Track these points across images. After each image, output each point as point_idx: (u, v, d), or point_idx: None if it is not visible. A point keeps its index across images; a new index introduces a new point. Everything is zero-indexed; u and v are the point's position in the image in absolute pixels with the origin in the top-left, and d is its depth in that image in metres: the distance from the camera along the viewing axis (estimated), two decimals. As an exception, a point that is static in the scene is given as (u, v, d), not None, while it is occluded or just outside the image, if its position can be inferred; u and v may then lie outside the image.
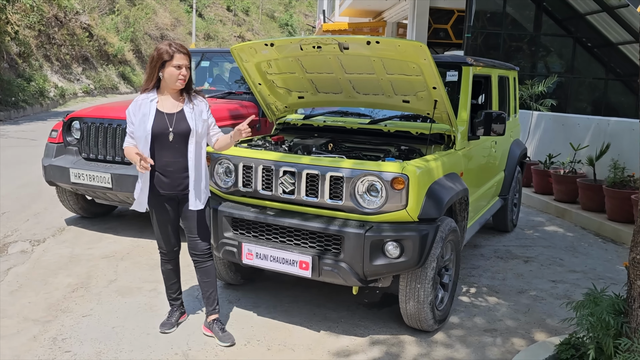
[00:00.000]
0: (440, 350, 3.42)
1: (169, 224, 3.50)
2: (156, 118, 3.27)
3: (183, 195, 3.38)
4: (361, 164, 3.29)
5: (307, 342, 3.48)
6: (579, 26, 11.47)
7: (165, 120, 3.28)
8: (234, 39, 50.96)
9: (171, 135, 3.26)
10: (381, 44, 3.42)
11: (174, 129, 3.26)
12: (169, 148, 3.29)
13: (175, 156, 3.31)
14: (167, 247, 3.57)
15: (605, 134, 6.67)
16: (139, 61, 31.96)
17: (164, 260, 3.62)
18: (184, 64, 3.23)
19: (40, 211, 6.50)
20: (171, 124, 3.27)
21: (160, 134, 3.26)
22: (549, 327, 3.79)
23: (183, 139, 3.28)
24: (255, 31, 57.95)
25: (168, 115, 3.29)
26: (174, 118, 3.28)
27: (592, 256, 5.34)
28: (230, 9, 55.07)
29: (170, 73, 3.22)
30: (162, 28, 37.05)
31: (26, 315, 3.80)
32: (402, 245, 3.22)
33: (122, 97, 25.93)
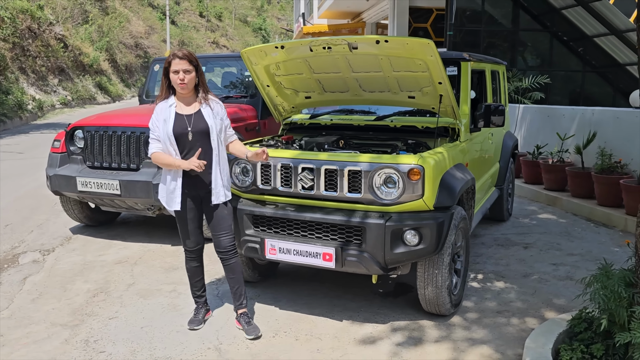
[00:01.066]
0: (459, 332, 3.60)
1: (192, 222, 3.63)
2: (176, 120, 3.45)
3: (205, 193, 3.53)
4: (378, 157, 3.46)
5: (332, 332, 3.63)
6: (554, 20, 11.83)
7: (184, 121, 3.45)
8: (208, 45, 50.87)
9: (190, 135, 3.42)
10: (390, 42, 3.60)
11: (192, 129, 3.43)
12: (191, 147, 3.45)
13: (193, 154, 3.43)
14: (191, 245, 3.69)
15: (590, 123, 6.96)
16: (115, 70, 31.74)
17: (189, 258, 3.74)
18: (180, 69, 3.37)
19: (42, 222, 6.53)
20: (190, 123, 3.44)
21: (180, 134, 3.44)
22: (557, 306, 4.00)
23: (203, 138, 3.45)
24: (229, 36, 57.89)
25: (187, 116, 3.46)
26: (192, 118, 3.46)
27: (587, 240, 5.59)
28: (203, 15, 54.92)
29: (172, 79, 3.42)
30: (137, 36, 36.82)
31: (53, 321, 3.88)
32: (421, 233, 3.39)
33: (101, 107, 25.73)
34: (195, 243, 3.70)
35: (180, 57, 3.40)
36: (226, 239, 3.57)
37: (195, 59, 3.47)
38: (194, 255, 3.73)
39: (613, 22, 10.61)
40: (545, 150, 7.61)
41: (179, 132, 3.44)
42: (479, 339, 3.52)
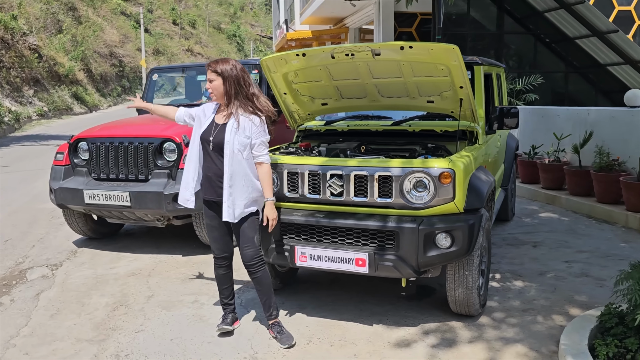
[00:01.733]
0: (491, 332, 3.65)
1: (216, 229, 3.64)
2: (209, 125, 3.55)
3: (218, 202, 3.53)
4: (409, 162, 3.49)
5: (365, 336, 3.64)
6: (538, 23, 12.10)
7: (211, 129, 3.52)
8: (183, 53, 50.54)
9: (210, 144, 3.48)
10: (414, 48, 3.65)
11: (213, 138, 3.48)
12: (209, 155, 3.53)
13: (213, 163, 3.52)
14: (217, 252, 3.69)
15: (585, 123, 7.13)
16: (90, 80, 31.28)
17: (216, 265, 3.74)
18: (209, 78, 3.49)
19: (43, 236, 6.41)
20: (213, 133, 3.49)
21: (204, 140, 3.53)
22: (579, 302, 4.09)
23: (219, 149, 3.46)
24: (204, 44, 57.63)
25: (216, 124, 3.52)
26: (217, 128, 3.50)
27: (593, 237, 5.73)
28: (177, 22, 54.56)
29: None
30: (111, 45, 36.38)
31: (77, 337, 3.81)
32: (453, 236, 3.43)
33: (78, 118, 25.32)
34: (220, 250, 3.69)
35: (207, 67, 3.50)
36: (249, 251, 3.53)
37: (223, 69, 3.46)
38: (220, 263, 3.72)
39: (595, 23, 10.90)
40: (540, 150, 7.77)
41: (203, 137, 3.53)
42: (510, 337, 3.57)
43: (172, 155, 5.26)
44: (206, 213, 3.67)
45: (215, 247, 3.69)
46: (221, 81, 3.46)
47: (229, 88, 3.46)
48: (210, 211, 3.63)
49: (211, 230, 3.68)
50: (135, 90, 38.33)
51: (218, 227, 3.64)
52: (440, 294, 4.33)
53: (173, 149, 5.26)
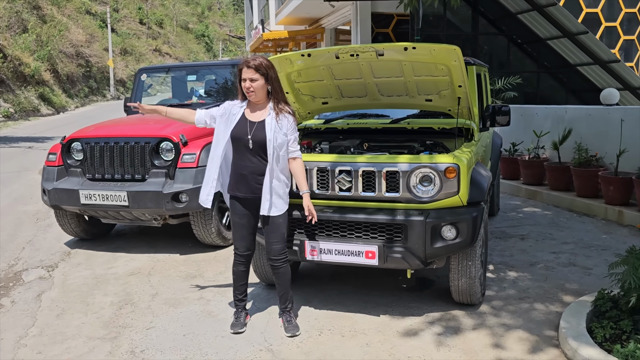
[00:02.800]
0: (492, 319, 3.84)
1: (244, 227, 3.71)
2: (239, 123, 3.57)
3: (253, 198, 3.61)
4: (416, 158, 3.65)
5: (373, 326, 3.78)
6: (510, 25, 12.48)
7: (246, 127, 3.55)
8: (151, 53, 49.87)
9: (250, 142, 3.52)
10: (417, 49, 3.80)
11: (252, 137, 3.52)
12: (246, 153, 3.56)
13: (251, 161, 3.56)
14: (242, 250, 3.77)
15: (563, 120, 7.44)
16: (57, 81, 30.61)
17: (237, 262, 3.80)
18: (247, 77, 3.49)
19: (31, 238, 6.34)
20: (251, 131, 3.53)
21: (239, 138, 3.55)
22: (570, 290, 4.32)
23: (260, 147, 3.52)
24: (172, 44, 56.97)
25: (250, 122, 3.56)
26: (255, 126, 3.54)
27: (575, 229, 6.00)
28: (144, 22, 53.79)
29: (242, 86, 3.53)
30: (77, 45, 35.67)
31: (88, 335, 3.84)
32: (457, 228, 3.60)
33: (47, 119, 24.80)
34: (245, 248, 3.76)
35: (249, 66, 3.48)
36: (278, 246, 3.64)
37: (265, 67, 3.51)
38: (242, 260, 3.79)
39: (565, 25, 11.31)
40: (520, 147, 8.05)
41: (238, 135, 3.55)
42: (511, 324, 3.76)
43: (170, 155, 5.30)
44: (235, 210, 3.70)
45: (240, 245, 3.75)
46: (264, 81, 3.51)
47: (271, 88, 3.55)
48: (242, 208, 3.67)
49: (240, 228, 3.72)
50: (103, 91, 37.74)
51: (247, 225, 3.71)
52: (439, 285, 4.50)
53: (170, 148, 5.29)
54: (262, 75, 3.49)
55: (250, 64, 3.48)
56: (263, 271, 4.34)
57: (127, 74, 42.43)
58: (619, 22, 14.37)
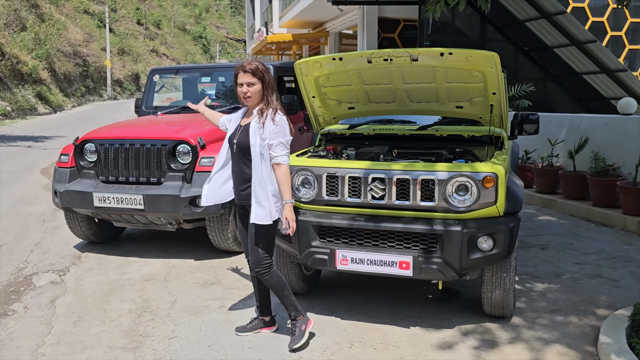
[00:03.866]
0: (527, 333, 3.74)
1: (242, 233, 3.70)
2: (235, 128, 3.57)
3: (240, 204, 3.59)
4: (456, 166, 3.55)
5: (405, 339, 3.67)
6: (518, 32, 12.44)
7: (236, 132, 3.54)
8: (148, 54, 49.68)
9: (234, 146, 3.51)
10: (454, 55, 3.71)
11: (237, 141, 3.49)
12: (234, 158, 3.55)
13: (237, 166, 3.54)
14: (246, 255, 3.72)
15: (579, 129, 7.37)
16: (54, 80, 30.36)
17: (249, 267, 3.73)
18: (244, 82, 3.42)
19: (39, 240, 6.19)
20: (237, 135, 3.51)
21: (230, 142, 3.56)
22: (602, 303, 4.23)
23: (243, 152, 3.46)
24: (169, 44, 56.81)
25: (239, 127, 3.55)
26: (240, 130, 3.52)
27: (595, 239, 5.92)
28: (141, 22, 53.59)
29: (238, 91, 3.49)
30: (75, 44, 35.45)
31: (108, 344, 3.70)
32: (494, 239, 3.50)
33: (43, 118, 24.56)
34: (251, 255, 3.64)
35: (245, 71, 3.41)
36: (252, 257, 3.51)
37: (262, 71, 3.44)
38: (250, 266, 3.71)
39: (574, 33, 11.29)
40: (532, 155, 7.98)
41: (230, 140, 3.56)
42: (547, 338, 3.66)
43: (187, 158, 5.17)
44: (238, 216, 3.75)
45: (245, 250, 3.74)
46: (261, 85, 3.43)
47: (266, 92, 3.46)
48: (241, 213, 3.68)
49: (241, 233, 3.74)
50: (100, 91, 37.49)
51: (243, 230, 3.68)
52: (465, 295, 4.40)
53: (187, 151, 5.17)
54: (259, 79, 3.41)
55: (247, 69, 3.40)
56: (288, 280, 4.21)
57: (124, 74, 42.24)
58: (624, 32, 14.38)
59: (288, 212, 3.40)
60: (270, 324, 3.83)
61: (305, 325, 3.59)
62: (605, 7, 14.10)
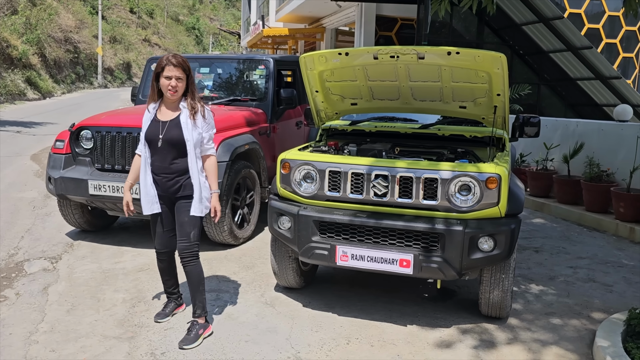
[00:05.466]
0: (524, 334, 3.75)
1: (165, 225, 3.68)
2: (151, 125, 3.53)
3: (176, 198, 3.57)
4: (459, 166, 3.54)
5: (402, 337, 3.67)
6: (514, 35, 12.49)
7: (158, 127, 3.50)
8: (140, 43, 49.22)
9: (160, 142, 3.47)
10: (461, 54, 3.70)
11: (163, 136, 3.47)
12: (159, 153, 3.52)
13: (162, 161, 3.52)
14: (159, 247, 3.75)
15: (574, 134, 7.42)
16: (44, 65, 29.95)
17: (158, 259, 3.81)
18: (173, 75, 3.40)
19: (29, 227, 6.11)
20: (162, 131, 3.48)
21: (151, 140, 3.51)
22: (596, 306, 4.26)
23: (172, 146, 3.48)
24: (161, 34, 56.33)
25: (162, 122, 3.50)
26: (166, 125, 3.48)
27: (587, 244, 5.97)
28: (134, 11, 53.06)
29: (162, 84, 3.44)
30: (66, 30, 34.96)
31: (102, 333, 3.66)
32: (495, 240, 3.51)
33: (32, 103, 24.25)
34: (162, 246, 3.72)
35: (175, 65, 3.41)
36: (182, 244, 3.57)
37: (188, 66, 3.49)
38: (162, 257, 3.78)
39: (570, 39, 11.36)
40: (527, 158, 8.02)
41: (150, 137, 3.51)
42: (545, 339, 3.68)
43: (185, 148, 5.11)
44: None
45: (159, 243, 3.74)
46: (186, 80, 3.48)
47: (192, 87, 3.52)
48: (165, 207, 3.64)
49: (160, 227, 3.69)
50: (91, 78, 37.08)
51: (167, 222, 3.67)
52: (460, 295, 4.41)
53: (186, 141, 5.11)
54: (186, 74, 3.44)
55: (176, 62, 3.39)
56: (285, 274, 4.20)
57: (115, 62, 41.79)
58: (619, 39, 14.51)
59: (215, 202, 3.56)
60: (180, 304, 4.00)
61: (204, 330, 3.59)
62: (601, 14, 14.23)
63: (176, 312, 3.93)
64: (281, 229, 3.87)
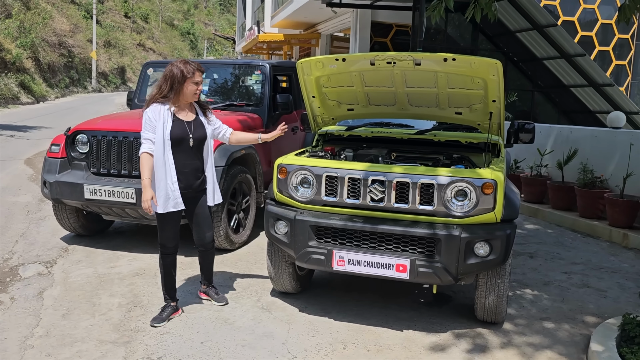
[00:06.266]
0: (518, 338, 3.77)
1: (178, 223, 3.92)
2: (176, 125, 3.75)
3: (196, 194, 3.89)
4: (456, 171, 3.57)
5: (398, 342, 3.68)
6: (508, 42, 12.59)
7: (184, 127, 3.78)
8: (134, 47, 49.19)
9: (191, 141, 3.78)
10: (457, 61, 3.73)
11: (193, 135, 3.79)
12: (187, 151, 3.79)
13: (192, 158, 3.83)
14: (172, 244, 3.93)
15: (568, 140, 7.48)
16: (38, 69, 29.85)
17: (166, 255, 3.93)
18: (200, 81, 3.79)
19: (24, 231, 6.09)
20: (190, 130, 3.79)
21: (181, 139, 3.75)
22: (591, 312, 4.29)
23: (200, 143, 3.84)
24: (156, 39, 56.32)
25: (187, 122, 3.80)
26: (192, 125, 3.81)
27: (581, 249, 6.01)
28: (129, 15, 53.05)
29: (190, 88, 3.74)
30: (60, 34, 34.88)
31: (99, 338, 3.65)
32: (491, 245, 3.53)
33: (26, 108, 24.15)
34: (175, 240, 3.94)
35: (201, 72, 3.79)
36: (209, 233, 4.03)
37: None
38: (171, 252, 3.95)
39: (564, 46, 11.46)
40: (521, 164, 8.07)
41: (179, 136, 3.74)
42: (539, 344, 3.70)
43: (181, 153, 5.12)
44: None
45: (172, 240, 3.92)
46: None
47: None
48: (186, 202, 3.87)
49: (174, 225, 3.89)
50: (85, 82, 36.98)
51: (178, 220, 3.92)
52: (456, 300, 4.43)
53: (182, 146, 5.12)
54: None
55: (201, 70, 3.77)
56: (281, 279, 4.21)
57: (109, 67, 41.74)
58: (611, 47, 14.65)
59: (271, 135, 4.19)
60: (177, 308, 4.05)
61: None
62: (594, 22, 14.36)
63: (173, 317, 3.95)
64: (278, 233, 3.88)
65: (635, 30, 15.33)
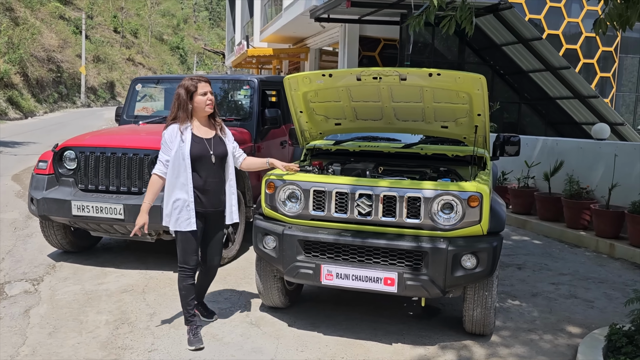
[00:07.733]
0: (503, 350, 3.79)
1: (197, 241, 3.79)
2: (195, 143, 3.68)
3: (215, 212, 3.80)
4: (441, 184, 3.60)
5: (387, 356, 3.68)
6: (495, 56, 12.75)
7: (204, 145, 3.71)
8: (124, 62, 49.20)
9: (213, 158, 3.71)
10: (442, 76, 3.78)
11: (214, 152, 3.72)
12: (208, 169, 3.71)
13: (214, 176, 3.75)
14: (193, 263, 3.80)
15: (554, 152, 7.57)
16: (26, 85, 29.76)
17: (187, 276, 3.80)
18: (208, 90, 3.74)
19: (10, 248, 6.04)
20: (211, 147, 3.72)
21: (201, 156, 3.68)
22: (578, 322, 4.32)
23: (221, 160, 3.78)
24: (146, 54, 56.38)
25: (207, 140, 3.73)
26: (211, 142, 3.75)
27: (569, 260, 6.05)
28: (118, 30, 53.10)
29: (200, 101, 3.69)
30: (49, 50, 34.88)
31: (86, 357, 3.63)
32: (478, 257, 3.56)
33: (14, 123, 24.04)
34: (196, 261, 3.81)
35: (205, 81, 3.73)
36: (217, 258, 4.00)
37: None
38: (192, 273, 3.81)
39: (548, 59, 11.62)
40: (509, 176, 8.15)
41: (200, 154, 3.67)
42: (524, 355, 3.72)
43: (169, 168, 5.12)
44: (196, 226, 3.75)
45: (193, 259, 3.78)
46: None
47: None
48: (200, 222, 3.75)
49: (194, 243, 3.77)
50: (74, 97, 36.89)
51: (199, 237, 3.80)
52: (445, 313, 4.45)
53: (170, 161, 5.12)
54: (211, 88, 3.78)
55: (204, 79, 3.72)
56: (270, 294, 4.20)
57: (98, 81, 41.70)
58: (596, 60, 14.88)
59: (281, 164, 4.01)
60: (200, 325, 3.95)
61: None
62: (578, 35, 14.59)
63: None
64: (266, 248, 3.89)
65: (618, 43, 15.62)
